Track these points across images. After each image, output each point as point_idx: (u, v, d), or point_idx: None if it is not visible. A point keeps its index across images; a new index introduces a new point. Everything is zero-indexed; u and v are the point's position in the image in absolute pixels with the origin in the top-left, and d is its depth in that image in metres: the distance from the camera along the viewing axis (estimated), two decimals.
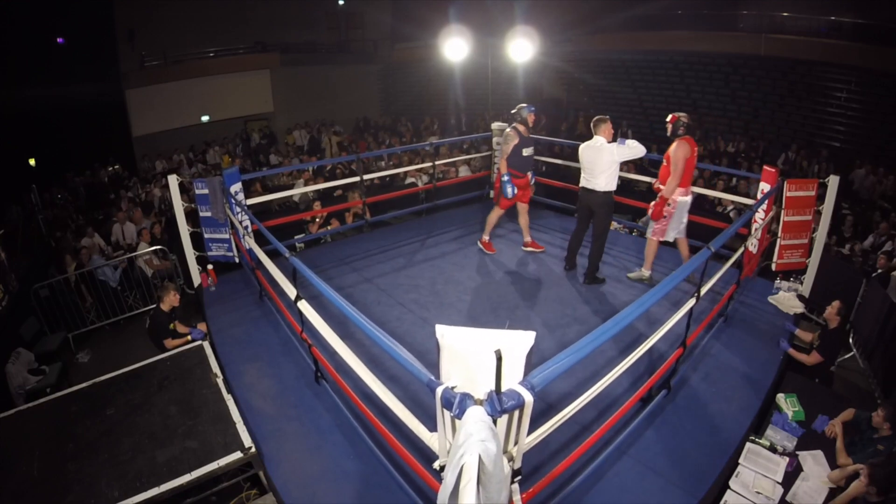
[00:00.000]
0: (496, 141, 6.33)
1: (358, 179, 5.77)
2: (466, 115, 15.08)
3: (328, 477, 2.68)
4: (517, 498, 1.92)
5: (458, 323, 1.90)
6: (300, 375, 3.45)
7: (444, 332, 1.65)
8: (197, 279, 4.82)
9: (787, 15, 11.65)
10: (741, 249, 3.59)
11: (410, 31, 15.56)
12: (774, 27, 11.74)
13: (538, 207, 6.64)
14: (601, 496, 2.48)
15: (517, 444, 1.79)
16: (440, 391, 1.63)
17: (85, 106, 13.16)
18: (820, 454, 2.81)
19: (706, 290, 3.04)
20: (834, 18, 11.03)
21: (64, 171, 11.26)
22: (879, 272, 5.57)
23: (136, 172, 12.11)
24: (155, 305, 4.26)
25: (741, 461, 2.73)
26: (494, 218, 5.16)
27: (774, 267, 4.52)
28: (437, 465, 1.89)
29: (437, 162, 6.84)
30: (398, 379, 3.15)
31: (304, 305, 2.87)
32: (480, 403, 1.55)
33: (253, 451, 2.68)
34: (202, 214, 4.69)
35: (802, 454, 2.81)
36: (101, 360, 5.38)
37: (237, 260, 4.87)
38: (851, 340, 4.94)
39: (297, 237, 6.17)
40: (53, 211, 9.33)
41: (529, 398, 1.58)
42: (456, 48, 7.65)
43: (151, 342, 4.17)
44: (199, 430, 2.84)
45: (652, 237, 4.41)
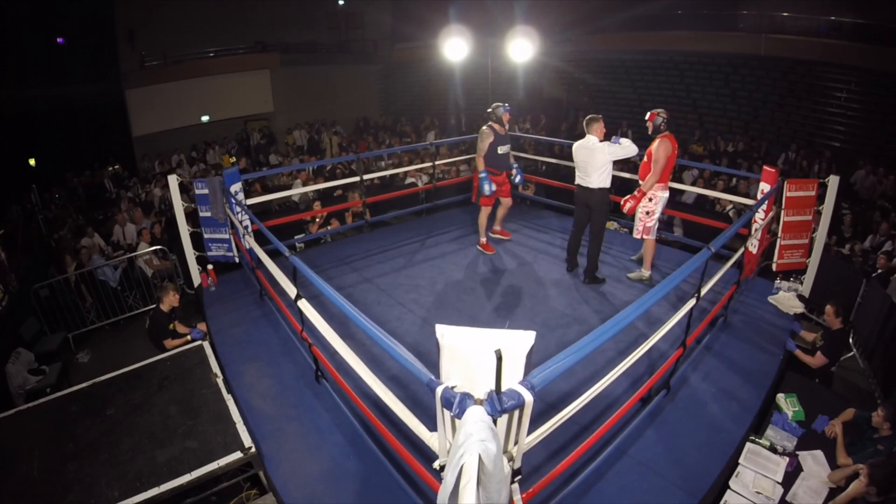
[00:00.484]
0: None
1: (358, 179, 5.78)
2: (466, 115, 15.07)
3: (328, 477, 2.68)
4: (517, 498, 1.92)
5: (458, 323, 1.89)
6: (300, 375, 3.45)
7: (444, 331, 1.65)
8: (197, 279, 4.82)
9: (787, 15, 11.66)
10: (741, 250, 3.59)
11: (410, 31, 15.56)
12: (774, 27, 11.75)
13: (538, 207, 6.65)
14: (601, 496, 2.48)
15: (517, 443, 1.78)
16: (440, 391, 1.63)
17: (85, 106, 13.16)
18: (820, 454, 2.81)
19: (706, 290, 3.04)
20: (834, 18, 11.04)
21: (64, 171, 11.26)
22: (879, 272, 5.57)
23: (136, 172, 12.11)
24: (155, 305, 4.26)
25: (741, 461, 2.73)
26: (484, 219, 5.17)
27: (774, 267, 4.52)
28: (437, 464, 1.89)
29: (437, 162, 6.83)
30: (398, 379, 3.15)
31: (304, 304, 2.87)
32: (480, 403, 1.55)
33: (253, 451, 2.68)
34: (202, 214, 4.69)
35: (802, 454, 2.81)
36: (101, 360, 5.39)
37: (237, 260, 4.87)
38: (851, 340, 4.94)
39: (297, 237, 6.17)
40: (53, 211, 9.33)
41: (529, 398, 1.58)
42: (456, 48, 7.64)
43: (151, 342, 4.18)
44: (199, 430, 2.84)
45: (646, 237, 4.45)
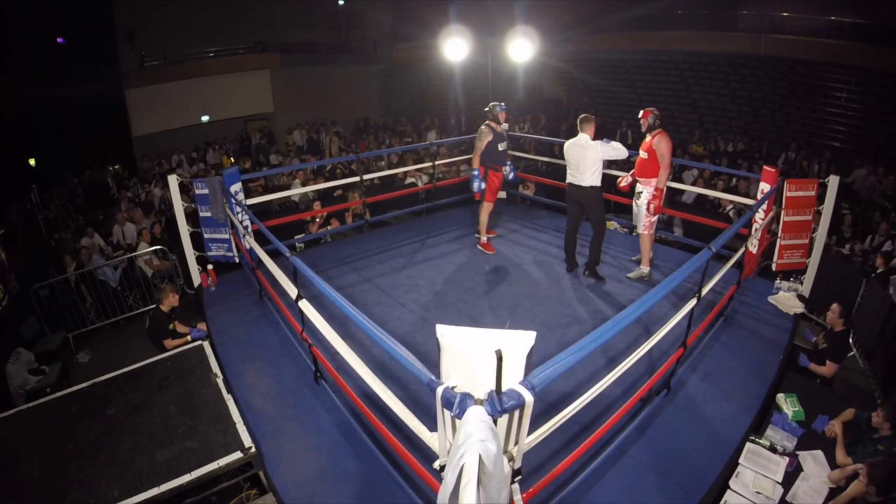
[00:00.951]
0: None
1: (358, 179, 5.78)
2: (466, 115, 15.07)
3: (328, 477, 2.68)
4: (517, 498, 1.92)
5: (458, 323, 1.90)
6: (300, 375, 3.45)
7: (444, 331, 1.65)
8: (197, 279, 4.82)
9: (787, 15, 11.66)
10: (742, 250, 3.58)
11: (410, 31, 15.56)
12: (774, 27, 11.75)
13: (537, 207, 6.65)
14: (601, 496, 2.48)
15: (517, 444, 1.78)
16: (440, 391, 1.63)
17: (85, 106, 13.17)
18: (820, 454, 2.81)
19: (707, 290, 3.04)
20: (834, 18, 11.04)
21: (64, 171, 11.25)
22: (879, 272, 5.56)
23: (136, 172, 12.11)
24: (155, 305, 4.26)
25: (741, 461, 2.73)
26: (485, 217, 5.16)
27: (774, 267, 4.52)
28: (437, 464, 1.89)
29: (437, 162, 6.83)
30: (398, 379, 3.15)
31: (304, 304, 2.87)
32: (481, 403, 1.55)
33: (253, 451, 2.68)
34: (202, 214, 4.69)
35: (802, 454, 2.81)
36: (101, 360, 5.38)
37: (237, 260, 4.87)
38: (851, 340, 4.92)
39: (297, 237, 6.16)
40: (53, 211, 9.32)
41: (530, 398, 1.58)
42: (456, 48, 7.63)
43: (151, 342, 4.18)
44: (199, 430, 2.84)
45: (644, 232, 4.47)
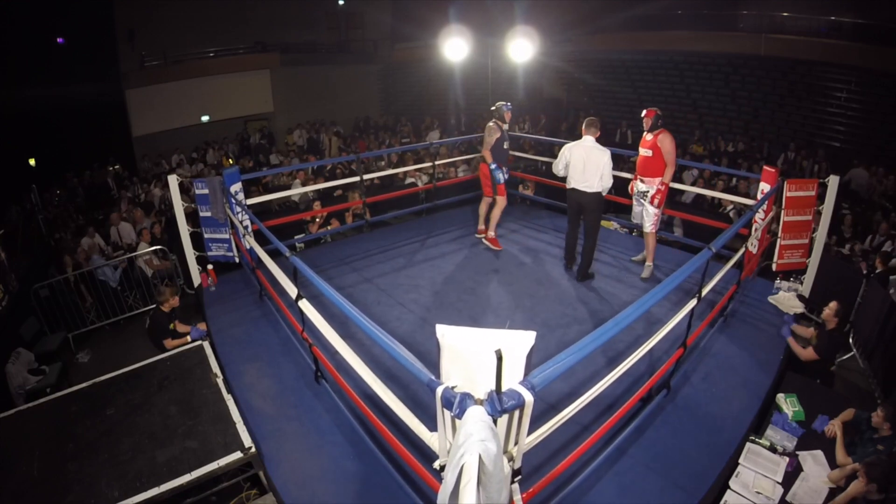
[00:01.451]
0: None
1: (358, 179, 5.78)
2: (466, 115, 15.08)
3: (328, 477, 2.68)
4: (517, 498, 1.92)
5: (458, 323, 1.90)
6: (300, 375, 3.45)
7: (444, 331, 1.65)
8: (197, 279, 4.82)
9: (787, 15, 11.65)
10: (742, 250, 3.58)
11: (410, 31, 15.55)
12: (774, 27, 11.74)
13: (537, 207, 6.65)
14: (601, 496, 2.48)
15: (517, 444, 1.78)
16: (440, 391, 1.63)
17: (85, 106, 13.15)
18: (820, 454, 2.81)
19: (707, 290, 3.04)
20: (834, 18, 11.03)
21: (64, 171, 11.25)
22: (879, 272, 5.56)
23: (136, 172, 12.11)
24: (155, 305, 4.26)
25: (741, 461, 2.73)
26: (498, 213, 5.13)
27: (774, 267, 4.52)
28: (437, 464, 1.89)
29: (437, 162, 6.83)
30: (398, 379, 3.15)
31: (304, 304, 2.87)
32: (481, 403, 1.55)
33: (253, 451, 2.68)
34: (202, 214, 4.69)
35: (802, 454, 2.81)
36: (101, 360, 5.38)
37: (237, 260, 4.87)
38: (851, 340, 4.94)
39: (297, 237, 6.17)
40: (53, 211, 9.32)
41: (530, 398, 1.58)
42: (456, 48, 7.64)
43: (151, 342, 4.18)
44: (199, 430, 2.84)
45: (652, 230, 4.50)
